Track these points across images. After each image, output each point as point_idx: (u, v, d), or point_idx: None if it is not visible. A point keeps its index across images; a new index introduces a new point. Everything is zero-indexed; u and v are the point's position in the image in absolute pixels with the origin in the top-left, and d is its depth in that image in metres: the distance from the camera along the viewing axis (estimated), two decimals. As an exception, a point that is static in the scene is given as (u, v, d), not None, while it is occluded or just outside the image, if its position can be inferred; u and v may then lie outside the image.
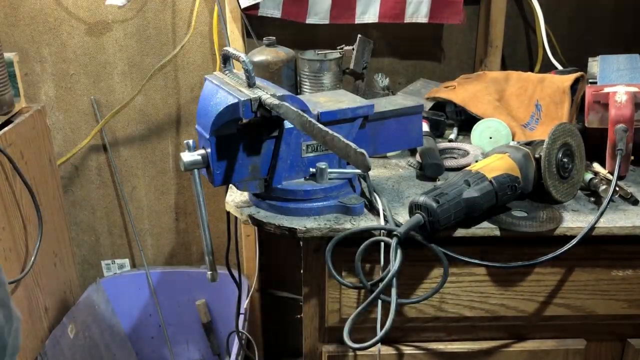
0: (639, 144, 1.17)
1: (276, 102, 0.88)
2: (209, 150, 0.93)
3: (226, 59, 1.01)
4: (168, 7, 1.63)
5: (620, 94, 1.11)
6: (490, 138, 1.27)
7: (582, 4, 1.68)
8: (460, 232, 0.99)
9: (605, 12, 1.69)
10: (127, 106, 1.73)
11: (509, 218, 1.00)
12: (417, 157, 1.22)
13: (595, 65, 1.40)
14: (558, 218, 1.00)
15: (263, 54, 1.39)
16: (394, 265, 0.92)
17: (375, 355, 1.08)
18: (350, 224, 0.99)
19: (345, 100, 1.07)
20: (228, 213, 1.10)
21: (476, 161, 1.08)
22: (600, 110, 1.14)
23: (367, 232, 0.97)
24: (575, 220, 1.01)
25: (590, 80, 1.35)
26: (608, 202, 1.01)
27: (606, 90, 1.14)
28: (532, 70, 1.72)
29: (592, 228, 0.98)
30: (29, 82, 1.70)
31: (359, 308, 0.97)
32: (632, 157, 1.16)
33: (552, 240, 1.00)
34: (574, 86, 1.20)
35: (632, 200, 1.06)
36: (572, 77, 1.21)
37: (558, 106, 1.22)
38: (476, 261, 0.99)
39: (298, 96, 0.99)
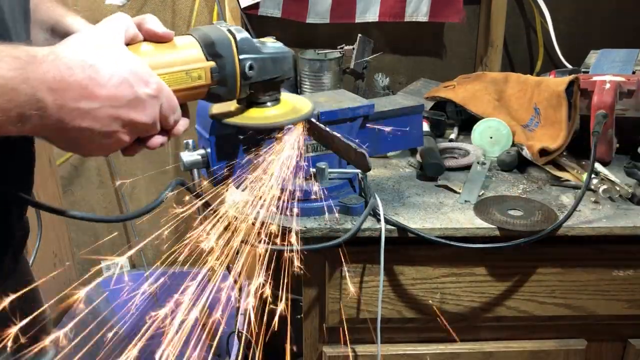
0: (625, 132, 1.22)
1: (276, 101, 0.88)
2: (209, 150, 0.93)
3: (226, 58, 1.01)
4: (168, 6, 1.63)
5: (605, 82, 1.18)
6: (491, 138, 1.27)
7: (582, 4, 1.68)
8: (461, 232, 0.98)
9: (607, 11, 1.68)
10: (127, 106, 1.73)
11: (505, 217, 1.00)
12: (418, 157, 1.22)
13: (593, 57, 1.46)
14: (553, 218, 1.00)
15: (263, 54, 1.39)
16: None
17: (375, 355, 1.08)
18: (351, 224, 0.98)
19: (345, 100, 1.07)
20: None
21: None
22: (587, 97, 1.20)
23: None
24: (576, 220, 1.00)
25: (583, 70, 1.43)
26: (587, 186, 1.02)
27: (594, 79, 1.20)
28: (532, 70, 1.72)
29: (559, 226, 0.98)
30: (28, 81, 1.69)
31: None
32: (617, 145, 1.23)
33: (553, 239, 0.99)
34: (570, 88, 1.21)
35: (636, 200, 1.06)
36: (566, 80, 1.21)
37: (556, 110, 1.22)
38: (443, 241, 0.98)
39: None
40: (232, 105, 0.80)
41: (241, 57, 0.72)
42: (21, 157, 0.75)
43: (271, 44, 0.76)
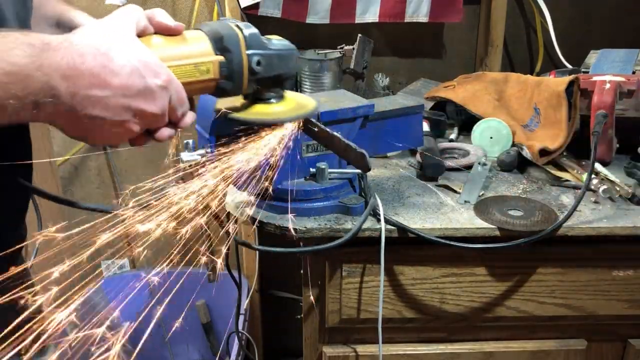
0: (625, 132, 1.22)
1: (276, 101, 0.88)
2: (209, 150, 0.93)
3: (226, 58, 1.01)
4: (168, 6, 1.63)
5: (605, 82, 1.18)
6: (491, 138, 1.27)
7: (582, 4, 1.68)
8: (461, 232, 0.98)
9: (607, 11, 1.69)
10: (127, 106, 1.73)
11: (505, 217, 1.00)
12: (418, 157, 1.22)
13: (593, 57, 1.46)
14: (553, 218, 1.00)
15: (263, 54, 1.39)
16: None
17: (375, 355, 1.08)
18: (351, 224, 0.98)
19: (345, 100, 1.07)
20: (228, 213, 1.09)
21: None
22: (587, 97, 1.20)
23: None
24: (576, 220, 1.00)
25: (583, 70, 1.42)
26: (587, 186, 1.02)
27: (594, 79, 1.20)
28: (532, 70, 1.72)
29: (559, 226, 0.98)
30: (28, 81, 1.69)
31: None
32: (617, 145, 1.23)
33: (554, 240, 0.99)
34: (570, 88, 1.21)
35: (636, 200, 1.06)
36: (567, 80, 1.21)
37: (556, 110, 1.22)
38: (443, 241, 0.99)
39: (298, 96, 0.98)
40: (237, 101, 0.82)
41: (249, 52, 0.73)
42: (19, 148, 0.75)
43: (277, 41, 0.77)
